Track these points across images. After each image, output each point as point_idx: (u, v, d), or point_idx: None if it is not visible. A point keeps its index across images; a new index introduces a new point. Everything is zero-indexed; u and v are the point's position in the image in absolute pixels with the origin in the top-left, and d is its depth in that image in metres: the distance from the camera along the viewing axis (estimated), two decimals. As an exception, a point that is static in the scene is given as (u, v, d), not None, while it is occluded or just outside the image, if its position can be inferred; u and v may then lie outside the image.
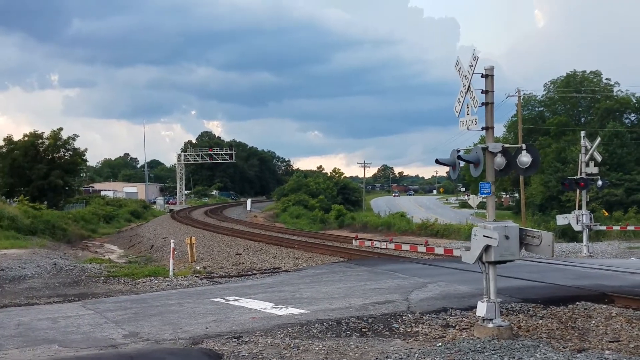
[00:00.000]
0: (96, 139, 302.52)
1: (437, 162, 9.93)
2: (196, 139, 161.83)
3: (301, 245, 31.39)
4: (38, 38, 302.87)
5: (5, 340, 9.43)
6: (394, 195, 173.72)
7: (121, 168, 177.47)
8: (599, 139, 26.86)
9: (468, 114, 9.55)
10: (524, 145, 9.35)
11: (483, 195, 9.49)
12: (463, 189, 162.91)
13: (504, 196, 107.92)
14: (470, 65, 9.32)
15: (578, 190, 26.04)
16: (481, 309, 9.07)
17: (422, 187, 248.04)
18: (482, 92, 9.36)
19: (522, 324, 9.96)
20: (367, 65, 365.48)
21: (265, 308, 11.49)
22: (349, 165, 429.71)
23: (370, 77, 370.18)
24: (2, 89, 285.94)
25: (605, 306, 11.35)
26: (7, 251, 26.54)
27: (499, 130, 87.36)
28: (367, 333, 9.58)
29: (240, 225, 52.71)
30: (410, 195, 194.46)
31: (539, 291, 12.75)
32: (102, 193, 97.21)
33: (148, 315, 11.21)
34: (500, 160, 9.36)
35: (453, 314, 10.62)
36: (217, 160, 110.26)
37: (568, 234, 36.93)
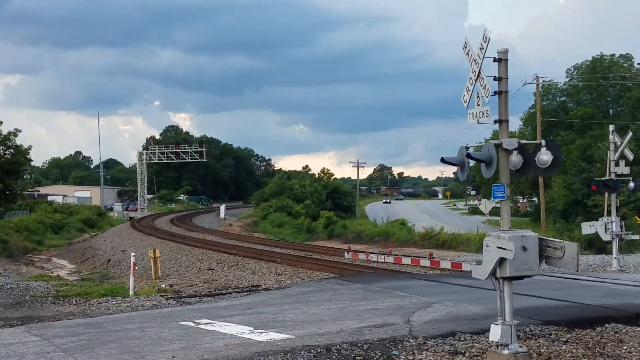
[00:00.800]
0: (42, 134, 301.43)
1: (443, 161, 9.93)
2: (160, 135, 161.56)
3: (284, 259, 31.40)
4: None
5: None
6: (385, 202, 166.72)
7: (72, 169, 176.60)
8: (630, 134, 27.01)
9: (478, 105, 9.56)
10: (543, 141, 9.38)
11: (496, 200, 9.51)
12: (473, 193, 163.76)
13: (520, 201, 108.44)
14: (480, 48, 9.34)
15: (606, 194, 26.18)
16: (495, 333, 9.09)
17: (426, 190, 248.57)
18: (494, 79, 9.38)
19: (542, 350, 10.00)
20: (360, 48, 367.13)
21: (243, 333, 11.47)
22: (340, 164, 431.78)
23: (364, 62, 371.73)
24: None
25: (639, 329, 11.42)
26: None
27: (515, 123, 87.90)
28: (361, 361, 9.58)
29: (213, 236, 52.60)
30: (399, 199, 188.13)
31: (562, 311, 12.81)
32: (50, 198, 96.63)
33: (104, 342, 11.15)
34: (516, 158, 9.39)
35: (462, 339, 10.64)
36: (185, 159, 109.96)
37: (595, 245, 37.09)
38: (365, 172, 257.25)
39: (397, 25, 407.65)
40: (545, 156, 9.27)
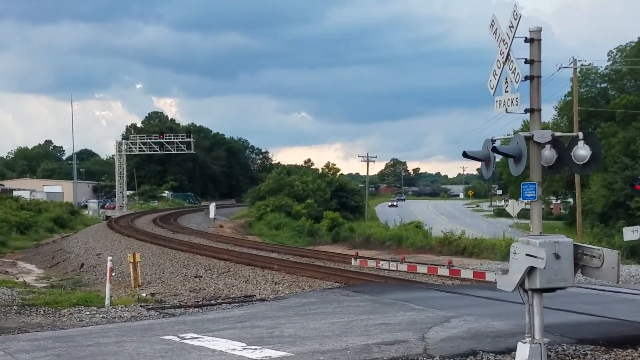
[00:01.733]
0: (7, 120, 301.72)
1: (466, 155, 9.95)
2: (142, 122, 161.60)
3: (282, 266, 31.43)
4: None
5: None
6: (391, 205, 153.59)
7: (41, 160, 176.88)
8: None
9: (507, 92, 9.57)
10: (581, 134, 9.38)
11: (526, 200, 9.51)
12: (499, 192, 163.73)
13: (553, 202, 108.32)
14: (510, 27, 9.34)
15: (652, 195, 26.16)
16: (523, 353, 9.09)
17: (435, 188, 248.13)
18: (525, 63, 9.39)
19: (576, 373, 10.00)
20: (371, 26, 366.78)
21: (234, 349, 11.49)
22: (347, 158, 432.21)
23: (375, 42, 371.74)
24: None
25: (687, 349, 11.41)
26: None
27: (549, 113, 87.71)
28: (369, 383, 9.60)
29: (201, 238, 52.65)
30: (401, 200, 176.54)
31: (600, 329, 12.81)
32: (15, 193, 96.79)
33: (76, 358, 11.18)
34: (549, 153, 9.39)
35: (485, 359, 10.65)
36: (170, 150, 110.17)
37: (639, 253, 37.08)
38: (376, 168, 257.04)
39: (412, 0, 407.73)
40: (582, 151, 9.27)
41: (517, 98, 9.44)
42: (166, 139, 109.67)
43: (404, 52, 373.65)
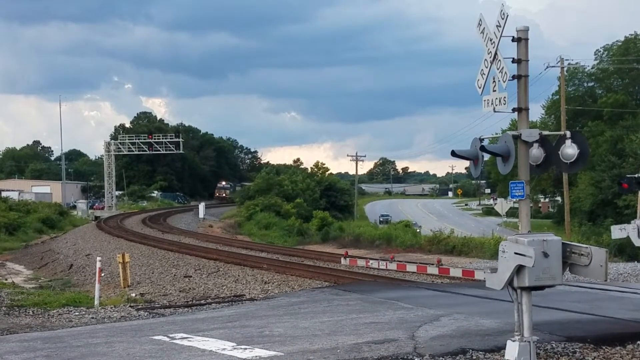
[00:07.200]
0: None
1: (454, 154, 9.97)
2: (131, 122, 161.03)
3: (272, 265, 31.45)
4: None
5: None
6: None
7: (29, 160, 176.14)
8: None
9: (494, 91, 9.58)
10: (568, 133, 9.40)
11: (514, 199, 9.53)
12: (488, 191, 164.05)
13: (542, 200, 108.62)
14: (497, 26, 9.35)
15: (640, 193, 26.23)
16: (512, 351, 9.11)
17: (435, 187, 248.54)
18: (513, 62, 9.40)
19: (565, 370, 10.03)
20: (361, 25, 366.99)
21: (224, 349, 11.48)
22: (337, 158, 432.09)
23: (365, 41, 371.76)
24: None
25: (675, 346, 11.45)
26: None
27: (536, 112, 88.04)
28: (359, 382, 9.60)
29: (190, 238, 52.59)
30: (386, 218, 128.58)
31: (588, 326, 12.86)
32: (4, 194, 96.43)
33: (65, 359, 11.15)
34: (537, 152, 9.41)
35: (474, 357, 10.67)
36: (159, 150, 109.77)
37: (626, 251, 37.23)
38: (365, 167, 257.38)
39: (403, 0, 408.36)
40: (570, 149, 9.29)
41: (504, 97, 9.46)
42: (155, 139, 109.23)
43: (394, 51, 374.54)
